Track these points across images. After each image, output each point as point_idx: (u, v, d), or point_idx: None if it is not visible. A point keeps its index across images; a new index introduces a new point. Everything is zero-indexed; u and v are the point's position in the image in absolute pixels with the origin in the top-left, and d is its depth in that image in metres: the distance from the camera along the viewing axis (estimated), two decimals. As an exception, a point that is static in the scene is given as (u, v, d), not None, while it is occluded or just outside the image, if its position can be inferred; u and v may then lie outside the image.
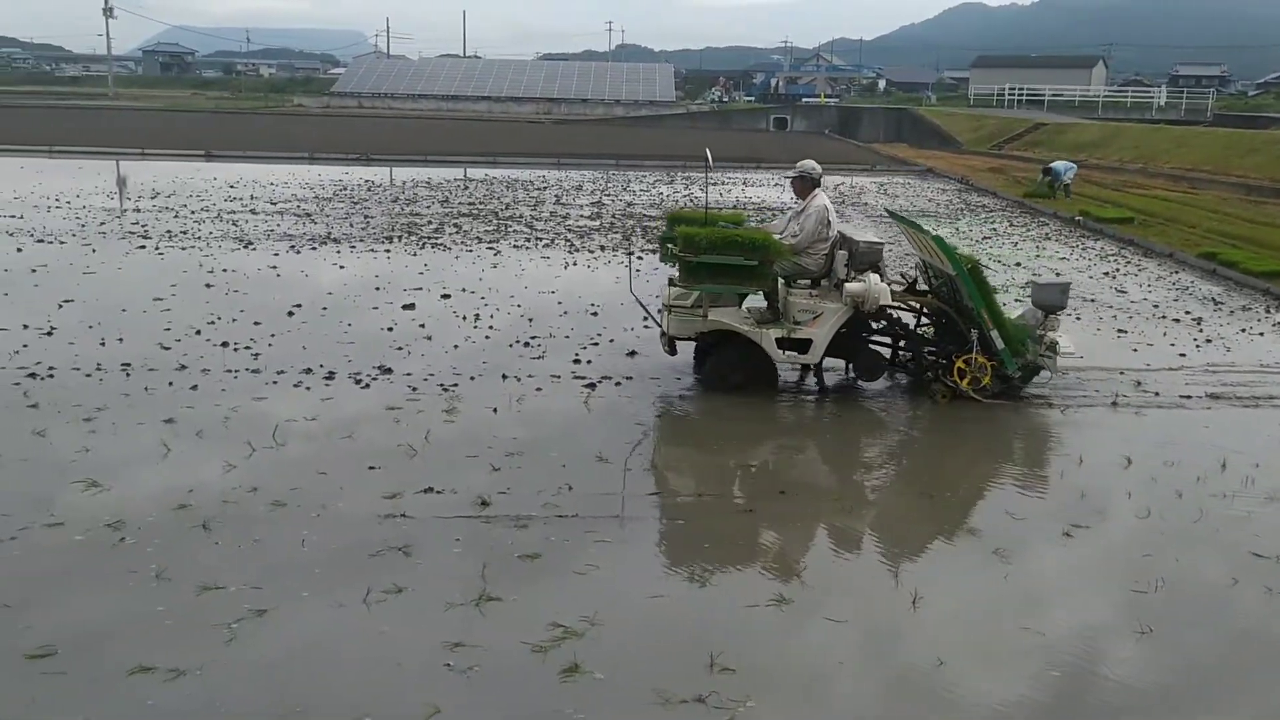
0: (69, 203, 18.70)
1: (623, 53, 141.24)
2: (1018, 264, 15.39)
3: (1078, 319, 11.76)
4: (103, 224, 16.37)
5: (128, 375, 8.35)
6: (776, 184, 27.62)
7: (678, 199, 22.70)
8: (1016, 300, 12.22)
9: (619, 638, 4.71)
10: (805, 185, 8.78)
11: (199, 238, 15.22)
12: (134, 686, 4.21)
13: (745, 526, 6.01)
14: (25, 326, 9.66)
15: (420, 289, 12.02)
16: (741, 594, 5.14)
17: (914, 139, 48.15)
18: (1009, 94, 60.75)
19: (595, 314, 10.97)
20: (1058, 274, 14.36)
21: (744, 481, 6.74)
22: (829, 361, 8.63)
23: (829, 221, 8.57)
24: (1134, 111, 54.79)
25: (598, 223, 18.35)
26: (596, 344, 9.80)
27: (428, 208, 19.61)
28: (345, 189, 22.38)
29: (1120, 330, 11.27)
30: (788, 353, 8.30)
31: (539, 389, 8.42)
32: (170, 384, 8.18)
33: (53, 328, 9.67)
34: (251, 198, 20.36)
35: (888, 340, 8.82)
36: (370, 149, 32.30)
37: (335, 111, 64.25)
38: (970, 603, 5.24)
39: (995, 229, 19.45)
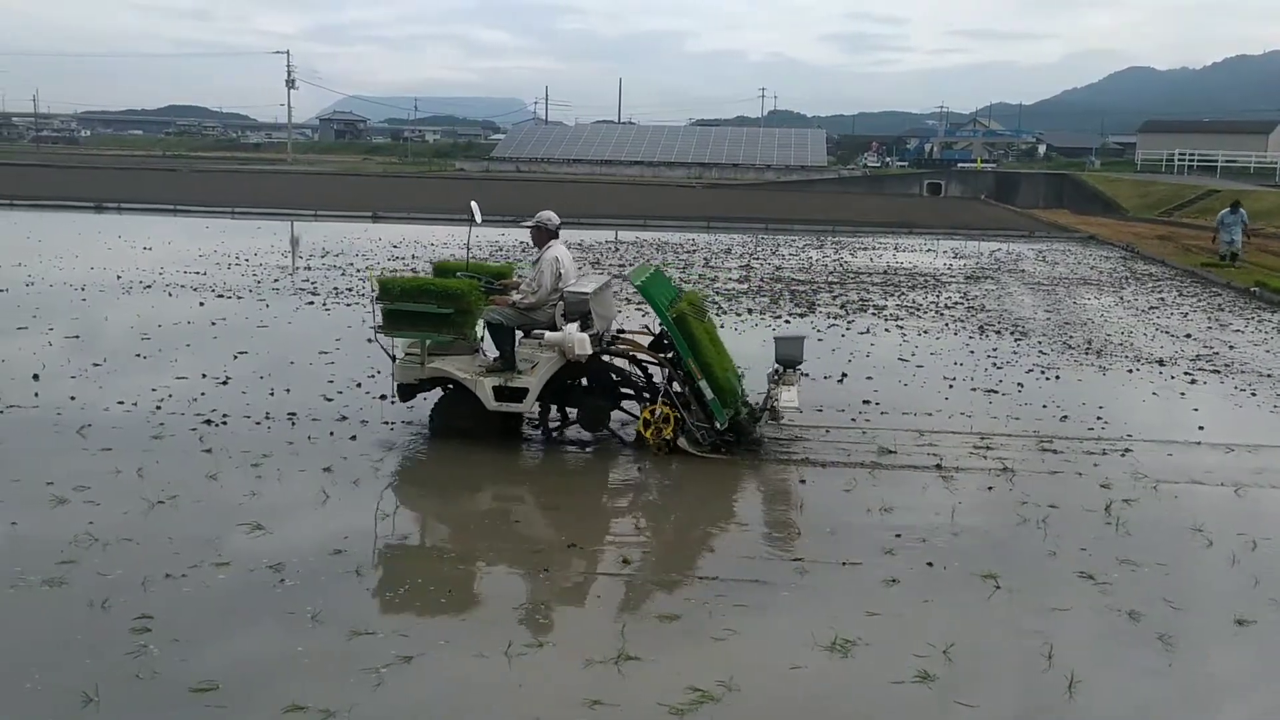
0: (247, 260, 19.89)
1: (775, 118, 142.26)
2: (1188, 335, 14.68)
3: (1253, 394, 11.13)
4: (276, 281, 17.34)
5: (293, 424, 8.77)
6: (928, 249, 27.20)
7: (826, 263, 22.59)
8: (1183, 380, 11.66)
9: (757, 706, 4.64)
10: (541, 235, 8.77)
11: (363, 295, 15.94)
12: (287, 724, 4.37)
13: (892, 597, 5.84)
14: (204, 376, 10.28)
15: (570, 348, 12.25)
16: (885, 668, 4.99)
17: (1075, 205, 46.69)
18: (1178, 159, 58.39)
19: (741, 376, 10.93)
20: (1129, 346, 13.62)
21: (892, 550, 6.55)
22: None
23: (560, 273, 8.49)
24: (1317, 178, 51.81)
25: (745, 286, 18.41)
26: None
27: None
28: (501, 249, 23.12)
29: (1301, 408, 10.58)
30: (508, 402, 8.22)
31: (682, 451, 8.44)
32: (331, 434, 8.56)
33: (228, 377, 10.27)
34: (413, 257, 21.23)
35: (630, 390, 8.71)
36: (525, 211, 33.27)
37: (494, 175, 66.64)
38: (1131, 692, 4.96)
39: (1163, 298, 18.64)
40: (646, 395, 8.55)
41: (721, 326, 13.98)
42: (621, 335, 8.99)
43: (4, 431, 8.25)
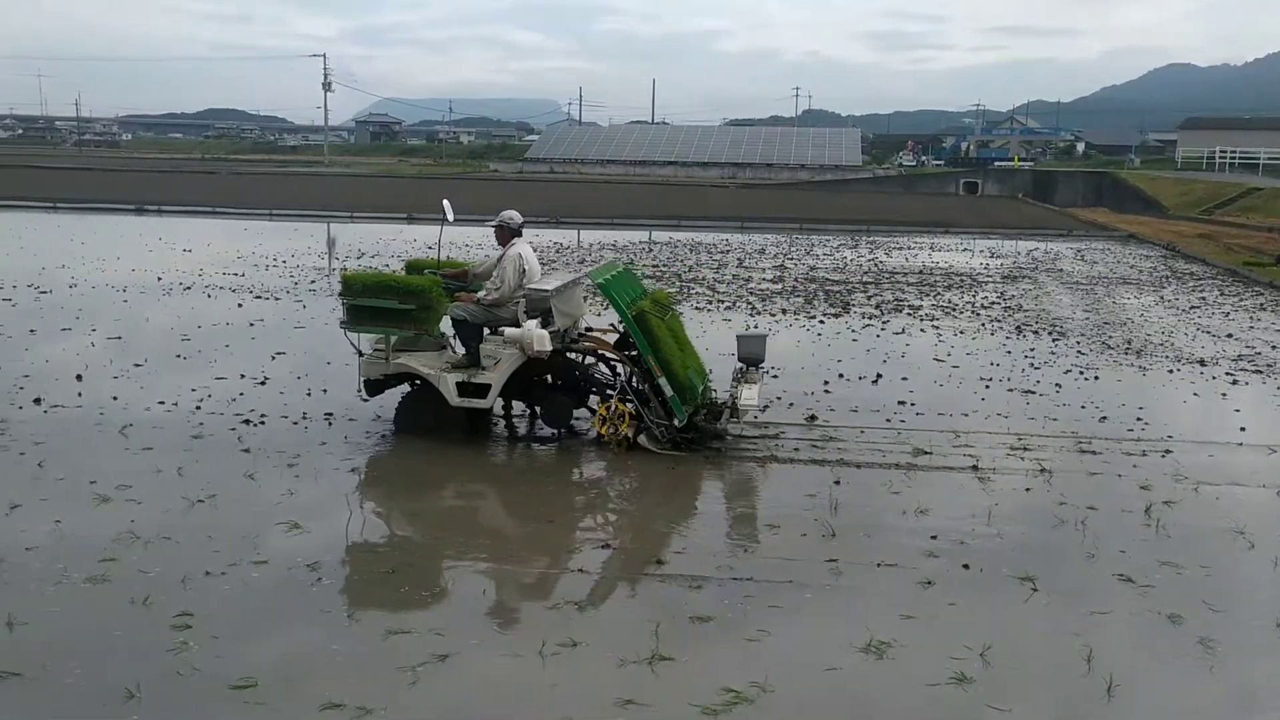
0: (284, 262, 20.10)
1: (809, 118, 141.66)
2: (1230, 335, 14.47)
3: (1297, 396, 10.95)
4: (313, 282, 17.50)
5: (329, 424, 8.86)
6: (964, 249, 27.00)
7: (861, 263, 22.48)
8: (1221, 377, 11.49)
9: (790, 707, 4.63)
10: (504, 234, 8.92)
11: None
12: (324, 721, 4.41)
13: (928, 599, 5.80)
14: (242, 376, 10.40)
15: (603, 349, 12.26)
16: (921, 670, 4.96)
17: (1115, 204, 46.14)
18: (1220, 157, 57.53)
19: (775, 377, 10.93)
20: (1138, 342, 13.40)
21: (928, 551, 6.50)
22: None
23: (524, 270, 8.58)
24: (1363, 175, 50.83)
25: (780, 286, 18.35)
26: (771, 407, 9.74)
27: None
28: (535, 250, 23.17)
29: (1346, 409, 10.39)
30: (471, 398, 8.28)
31: (714, 450, 8.43)
32: (367, 434, 8.63)
33: (266, 378, 10.38)
34: (447, 257, 21.31)
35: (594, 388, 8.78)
36: (559, 212, 33.40)
37: (528, 176, 66.84)
38: (1172, 697, 4.90)
39: (1204, 298, 18.38)
40: (610, 392, 8.60)
41: (754, 327, 13.98)
42: (589, 333, 9.06)
43: (48, 431, 8.38)
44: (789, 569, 6.15)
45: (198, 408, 9.21)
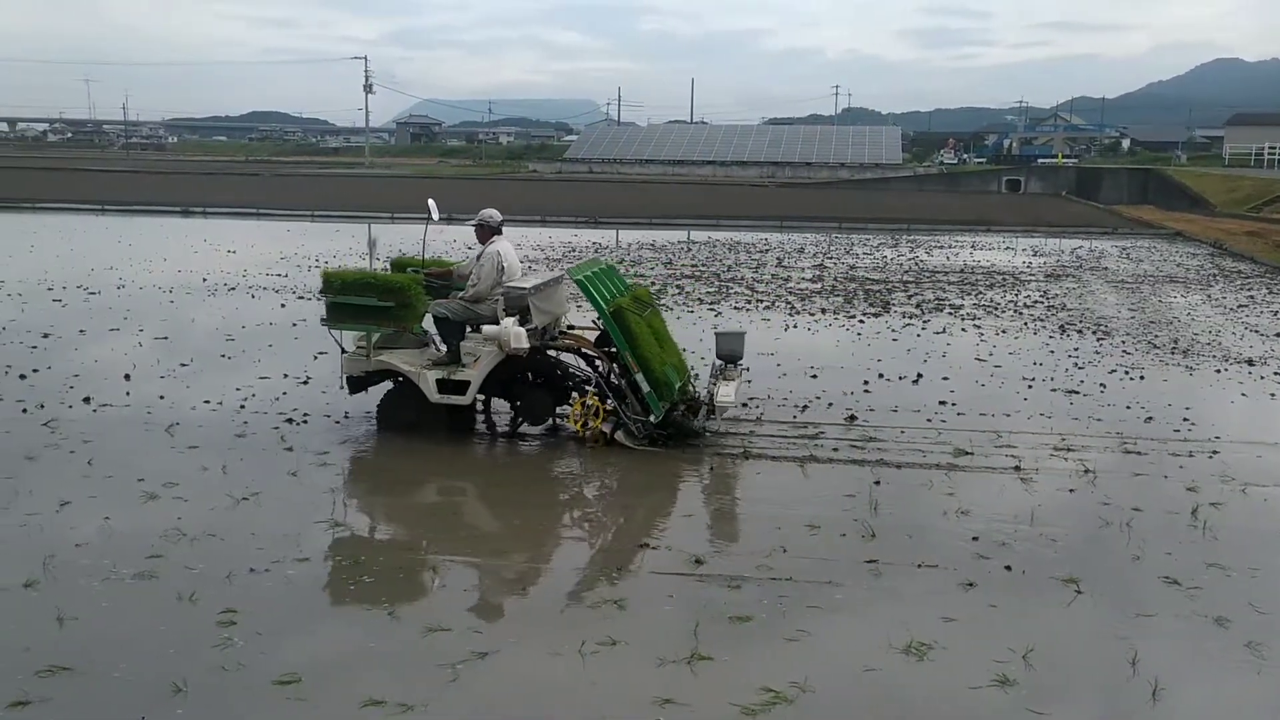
0: (326, 262, 20.26)
1: (849, 116, 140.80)
2: (1278, 334, 14.21)
3: (1349, 396, 10.72)
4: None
5: (370, 422, 8.93)
6: (1007, 247, 26.72)
7: (902, 262, 22.32)
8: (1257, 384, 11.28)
9: (830, 707, 4.61)
10: (484, 232, 8.97)
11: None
12: (366, 718, 4.45)
13: (969, 600, 5.75)
14: (285, 375, 10.53)
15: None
16: (962, 672, 4.92)
17: (1161, 201, 45.46)
18: (1269, 153, 56.50)
19: (815, 376, 10.89)
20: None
21: (969, 553, 6.45)
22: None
23: (503, 267, 8.60)
24: None
25: (819, 285, 18.27)
26: (811, 407, 9.69)
27: (651, 269, 20.09)
28: (573, 250, 23.25)
29: (1401, 410, 10.17)
30: (450, 395, 8.32)
31: (742, 451, 8.41)
32: (405, 434, 8.68)
33: (308, 377, 10.49)
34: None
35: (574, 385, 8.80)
36: (598, 212, 33.48)
37: (567, 176, 67.04)
38: (1218, 701, 4.82)
39: (1253, 296, 18.06)
40: (587, 388, 8.62)
41: (794, 326, 13.93)
42: (570, 330, 9.10)
43: (97, 430, 8.53)
44: (828, 569, 6.12)
45: (242, 407, 9.34)
